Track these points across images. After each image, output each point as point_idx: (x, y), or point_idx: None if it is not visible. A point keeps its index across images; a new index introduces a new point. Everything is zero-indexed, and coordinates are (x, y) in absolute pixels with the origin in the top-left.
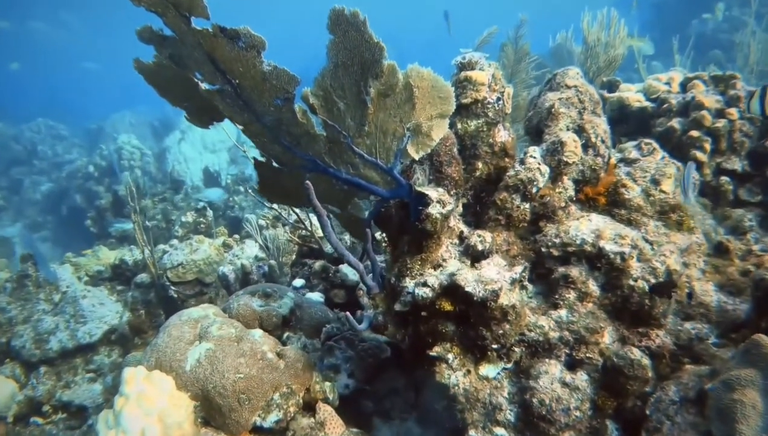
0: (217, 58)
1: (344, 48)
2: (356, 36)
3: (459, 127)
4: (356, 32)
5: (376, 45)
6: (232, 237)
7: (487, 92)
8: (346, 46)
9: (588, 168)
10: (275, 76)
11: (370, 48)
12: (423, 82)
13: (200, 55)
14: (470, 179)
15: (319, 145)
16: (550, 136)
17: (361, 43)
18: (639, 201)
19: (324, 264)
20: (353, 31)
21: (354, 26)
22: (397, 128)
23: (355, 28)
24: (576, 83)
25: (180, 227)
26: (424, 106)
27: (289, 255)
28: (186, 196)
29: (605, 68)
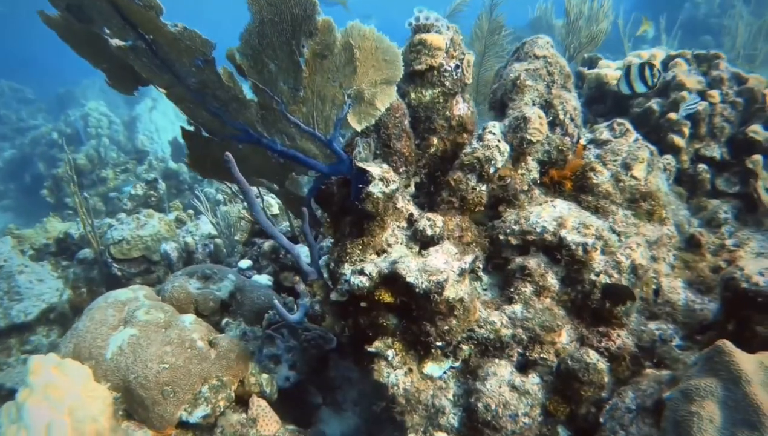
0: (122, 9)
1: (268, 3)
2: None
3: (412, 97)
4: None
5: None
6: (187, 212)
7: (445, 58)
8: (269, 1)
9: (555, 148)
10: (188, 38)
11: (300, 2)
12: (365, 43)
13: (104, 5)
14: (424, 156)
15: (251, 112)
16: (514, 111)
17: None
18: (608, 187)
19: (274, 244)
20: None
21: None
22: (336, 95)
23: None
24: (545, 53)
25: (129, 199)
26: (366, 70)
27: (244, 233)
28: (150, 167)
29: (587, 44)
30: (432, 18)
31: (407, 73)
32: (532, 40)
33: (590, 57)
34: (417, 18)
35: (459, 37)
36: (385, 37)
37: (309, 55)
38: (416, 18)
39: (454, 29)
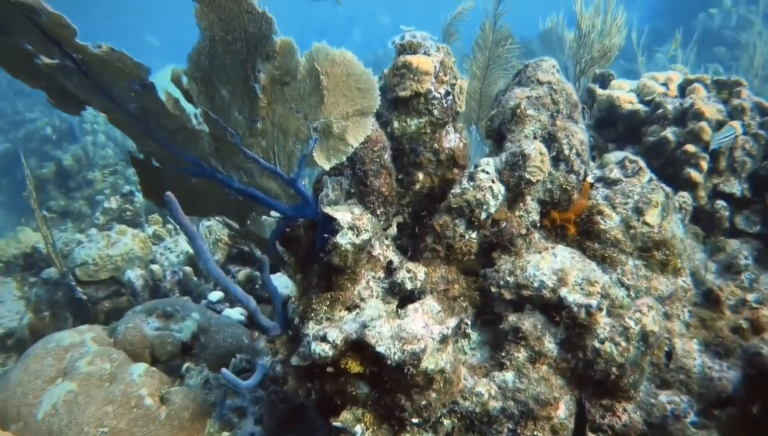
0: (39, 24)
1: (219, 18)
2: (230, 4)
3: (395, 126)
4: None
5: (262, 16)
6: (166, 227)
7: (433, 84)
8: (220, 16)
9: (558, 187)
10: (117, 60)
11: (254, 19)
12: (334, 69)
13: (17, 17)
14: (408, 193)
15: (202, 143)
16: (512, 145)
17: (239, 13)
18: (617, 234)
19: (250, 274)
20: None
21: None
22: (300, 127)
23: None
24: (550, 79)
25: (101, 213)
26: (336, 100)
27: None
28: None
29: (599, 59)
30: (419, 37)
31: (390, 100)
32: (536, 64)
33: (602, 74)
34: (402, 37)
35: (450, 60)
36: (358, 61)
37: (267, 82)
38: (401, 37)
39: (445, 50)
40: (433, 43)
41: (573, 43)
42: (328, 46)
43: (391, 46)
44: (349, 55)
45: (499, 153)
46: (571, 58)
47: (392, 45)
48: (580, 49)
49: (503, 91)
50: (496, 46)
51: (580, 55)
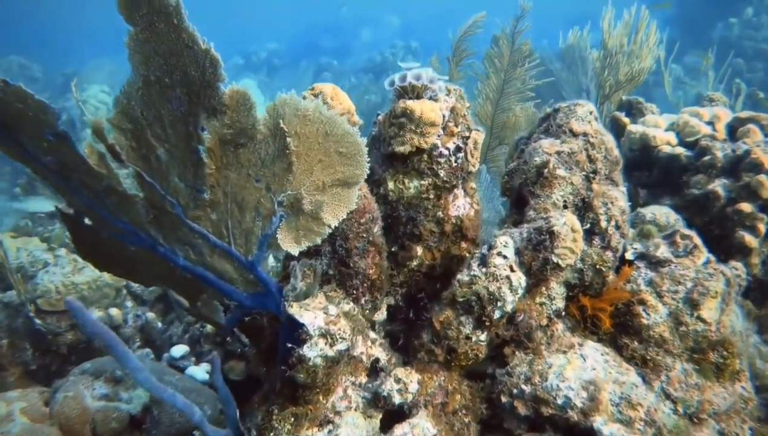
0: None
1: (155, 52)
2: (169, 33)
3: (390, 187)
4: (168, 26)
5: (205, 55)
6: None
7: (440, 138)
8: (157, 49)
9: (590, 267)
10: (15, 98)
11: (196, 59)
12: (307, 127)
13: None
14: (402, 271)
15: (137, 210)
16: (537, 216)
17: (178, 48)
18: (663, 331)
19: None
20: (163, 23)
21: (164, 15)
22: (261, 200)
23: (165, 17)
24: (586, 129)
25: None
26: (309, 167)
27: None
28: None
29: (625, 83)
30: (425, 78)
31: (385, 154)
32: (569, 108)
33: (629, 101)
34: (402, 77)
35: (464, 106)
36: (338, 118)
37: (213, 143)
38: (401, 77)
39: (457, 94)
40: (442, 84)
41: (597, 63)
42: (297, 98)
43: (388, 88)
44: (326, 111)
45: (517, 218)
46: (594, 80)
47: (390, 87)
48: (605, 71)
49: (526, 138)
50: (514, 68)
51: (604, 77)
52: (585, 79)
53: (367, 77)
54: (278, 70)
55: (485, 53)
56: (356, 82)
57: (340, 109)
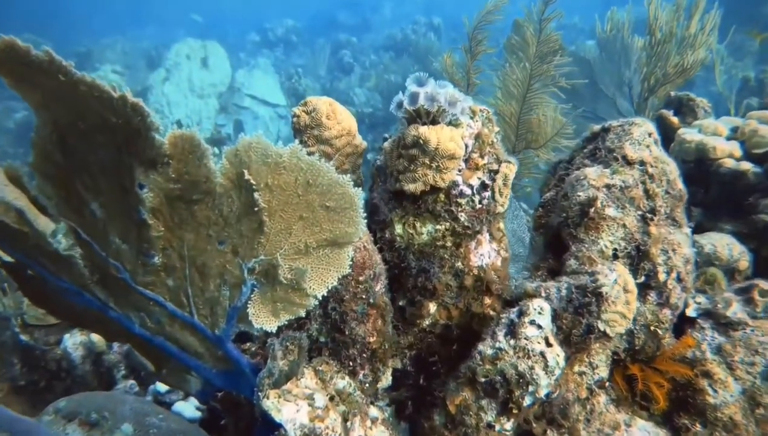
0: None
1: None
2: (61, 86)
3: (398, 232)
4: (57, 81)
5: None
6: None
7: (461, 172)
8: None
9: (642, 327)
10: None
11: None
12: (282, 177)
13: None
14: (411, 331)
15: (78, 271)
16: (579, 268)
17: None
18: (734, 413)
19: None
20: (51, 79)
21: (46, 73)
22: (228, 267)
23: (48, 75)
24: (643, 156)
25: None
26: (287, 225)
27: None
28: None
29: (675, 76)
30: (442, 98)
31: (392, 191)
32: (622, 128)
33: (679, 97)
34: (412, 96)
35: (491, 132)
36: (323, 165)
37: (157, 201)
38: (411, 96)
39: (483, 117)
40: (464, 105)
41: (642, 52)
42: (266, 142)
43: (396, 111)
44: (306, 157)
45: (554, 265)
46: (638, 72)
47: (398, 110)
48: (650, 62)
49: (566, 162)
50: (542, 61)
51: (650, 69)
52: (627, 70)
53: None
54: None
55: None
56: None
57: (338, 130)
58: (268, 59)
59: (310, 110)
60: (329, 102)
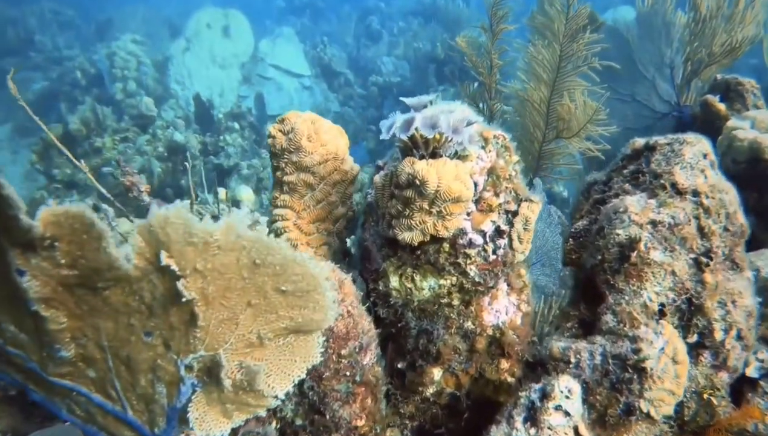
0: None
1: None
2: None
3: (393, 285)
4: None
5: None
6: None
7: (470, 216)
8: None
9: (693, 395)
10: None
11: None
12: (216, 259)
13: None
14: (412, 400)
15: None
16: (617, 327)
17: None
18: None
19: None
20: None
21: None
22: (159, 362)
23: None
24: (698, 184)
25: None
26: (232, 314)
27: None
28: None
29: (721, 56)
30: (444, 124)
31: (384, 238)
32: (672, 148)
33: (726, 80)
34: (407, 123)
35: (509, 164)
36: (273, 241)
37: (48, 290)
38: (405, 122)
39: (498, 144)
40: (472, 132)
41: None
42: (187, 215)
43: (386, 136)
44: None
45: (586, 316)
46: (680, 52)
47: (387, 134)
48: (694, 41)
49: (602, 183)
50: (572, 40)
51: (693, 49)
52: (669, 49)
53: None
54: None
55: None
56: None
57: (321, 155)
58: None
59: (288, 130)
60: (311, 119)
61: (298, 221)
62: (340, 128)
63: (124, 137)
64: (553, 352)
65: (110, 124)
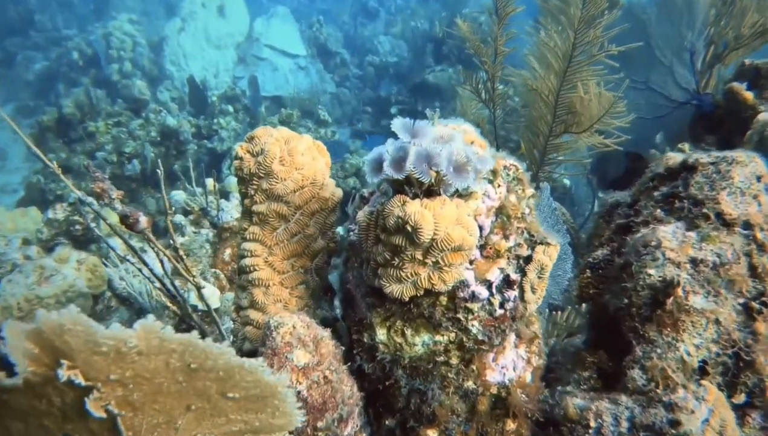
0: None
1: None
2: None
3: (380, 338)
4: None
5: None
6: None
7: (473, 265)
8: None
9: None
10: None
11: None
12: (139, 365)
13: None
14: None
15: None
16: (647, 387)
17: None
18: None
19: None
20: None
21: None
22: None
23: None
24: (749, 213)
25: (46, 225)
26: (169, 417)
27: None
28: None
29: (750, 39)
30: (444, 160)
31: (370, 286)
32: (717, 168)
33: (755, 66)
34: (398, 160)
35: (521, 199)
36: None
37: None
38: (396, 158)
39: (510, 177)
40: (477, 165)
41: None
42: (86, 321)
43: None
44: (171, 336)
45: (608, 366)
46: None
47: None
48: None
49: (627, 206)
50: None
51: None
52: (690, 32)
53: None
54: None
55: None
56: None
57: (296, 181)
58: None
59: (257, 152)
60: (286, 138)
61: (269, 258)
62: (320, 145)
63: (117, 122)
64: (569, 412)
65: (104, 108)
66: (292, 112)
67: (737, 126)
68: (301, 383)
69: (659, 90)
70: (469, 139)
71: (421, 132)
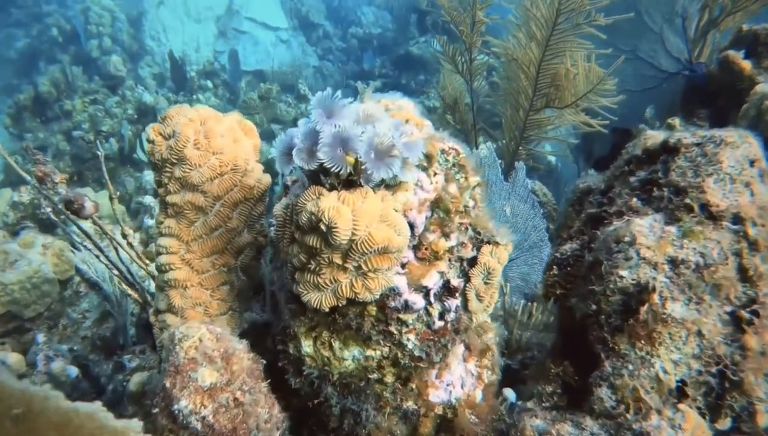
0: None
1: None
2: None
3: (307, 351)
4: None
5: None
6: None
7: (405, 270)
8: None
9: None
10: None
11: None
12: None
13: None
14: None
15: None
16: (614, 409)
17: None
18: None
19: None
20: None
21: None
22: None
23: None
24: (741, 204)
25: (11, 208)
26: None
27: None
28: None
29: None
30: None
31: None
32: (702, 150)
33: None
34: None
35: (464, 190)
36: None
37: None
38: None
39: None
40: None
41: None
42: None
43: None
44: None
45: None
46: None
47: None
48: None
49: (600, 193)
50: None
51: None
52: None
53: None
54: None
55: None
56: None
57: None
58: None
59: (168, 134)
60: (203, 118)
61: (187, 256)
62: (247, 125)
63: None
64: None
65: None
66: (272, 87)
67: (733, 99)
68: (206, 407)
69: (648, 59)
70: (404, 118)
71: (338, 110)
